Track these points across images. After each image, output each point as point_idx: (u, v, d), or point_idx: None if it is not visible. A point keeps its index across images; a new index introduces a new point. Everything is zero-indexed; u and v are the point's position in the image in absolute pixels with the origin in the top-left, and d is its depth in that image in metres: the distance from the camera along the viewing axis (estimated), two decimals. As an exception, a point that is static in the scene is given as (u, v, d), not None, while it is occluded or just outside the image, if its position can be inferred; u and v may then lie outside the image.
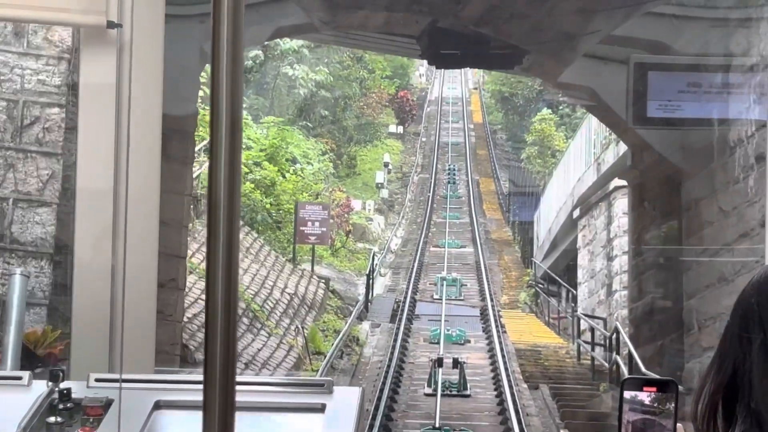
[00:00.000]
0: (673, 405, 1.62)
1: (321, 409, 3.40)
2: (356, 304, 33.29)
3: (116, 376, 3.39)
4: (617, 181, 27.56)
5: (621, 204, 27.55)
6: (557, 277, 33.82)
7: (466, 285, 36.11)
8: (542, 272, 36.10)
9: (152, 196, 4.31)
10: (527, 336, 31.04)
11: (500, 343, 27.46)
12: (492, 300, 33.90)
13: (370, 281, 35.02)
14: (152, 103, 4.38)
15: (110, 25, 4.24)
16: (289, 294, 30.19)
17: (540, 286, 36.04)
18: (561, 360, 28.48)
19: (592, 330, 26.73)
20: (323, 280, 33.43)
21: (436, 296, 34.42)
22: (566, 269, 34.60)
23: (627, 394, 1.66)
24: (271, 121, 42.61)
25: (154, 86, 4.40)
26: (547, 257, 36.05)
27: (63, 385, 3.40)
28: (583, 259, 30.66)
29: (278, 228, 35.67)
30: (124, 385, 3.26)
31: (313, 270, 33.94)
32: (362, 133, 57.77)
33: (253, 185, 34.23)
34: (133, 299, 4.36)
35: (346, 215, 42.26)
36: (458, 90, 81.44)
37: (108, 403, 3.32)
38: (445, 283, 34.70)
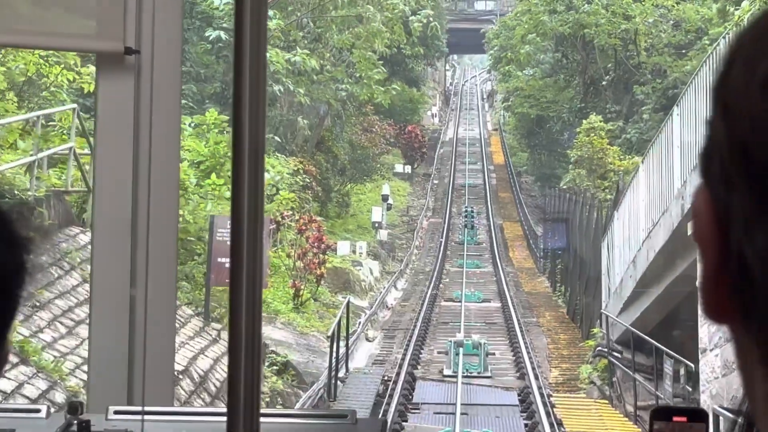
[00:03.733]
0: None
1: None
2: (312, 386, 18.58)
3: (136, 408, 3.19)
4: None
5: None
6: (652, 340, 18.80)
7: (493, 354, 24.49)
8: (621, 332, 21.30)
9: (171, 225, 3.86)
10: (605, 441, 17.09)
11: (563, 457, 15.64)
12: (537, 377, 21.87)
13: (339, 347, 20.39)
14: (171, 131, 3.88)
15: (128, 51, 3.84)
16: (176, 373, 15.20)
17: (617, 354, 21.40)
18: (684, 496, 13.46)
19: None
20: (255, 347, 18.45)
21: (447, 372, 22.74)
22: (670, 324, 19.74)
23: (657, 425, 1.50)
24: (212, 120, 27.88)
25: (172, 113, 3.90)
26: (631, 307, 21.18)
27: (82, 417, 3.11)
28: (710, 305, 15.43)
29: (192, 259, 20.89)
30: (145, 417, 3.11)
31: (238, 329, 18.95)
32: (357, 167, 44.06)
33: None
34: (152, 330, 3.78)
35: (319, 253, 27.55)
36: (476, 131, 70.87)
37: None
38: (461, 350, 22.84)
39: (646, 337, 19.37)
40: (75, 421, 3.08)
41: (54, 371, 13.79)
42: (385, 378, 21.57)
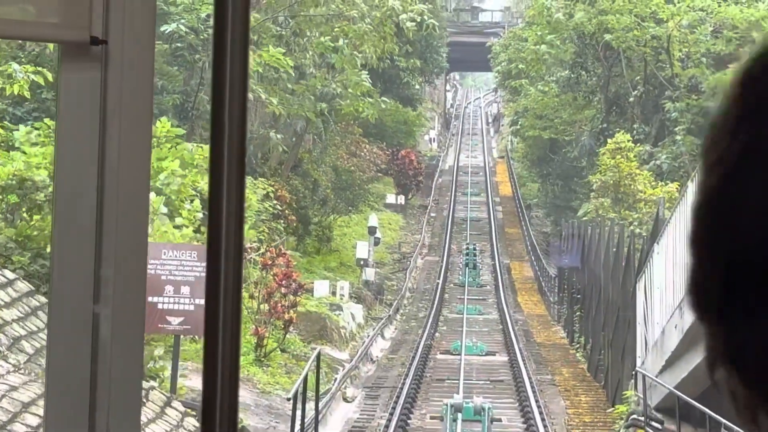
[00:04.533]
0: None
1: None
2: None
3: None
4: None
5: None
6: (704, 408, 16.69)
7: (500, 420, 24.02)
8: (663, 396, 19.38)
9: (140, 234, 3.25)
10: None
11: None
12: (554, 451, 21.66)
13: (304, 410, 18.12)
14: (141, 130, 3.22)
15: (94, 41, 3.24)
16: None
17: (656, 425, 19.75)
18: None
19: None
20: (195, 412, 16.27)
21: (443, 443, 22.59)
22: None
23: None
24: (163, 132, 25.63)
25: (143, 109, 3.19)
26: (676, 364, 19.26)
27: None
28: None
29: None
30: None
31: (174, 389, 16.72)
32: (341, 196, 42.43)
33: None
34: (117, 351, 3.35)
35: (288, 294, 25.43)
36: (480, 158, 72.40)
37: None
38: (460, 416, 22.19)
39: (696, 404, 17.31)
40: None
41: None
42: (365, 451, 20.45)
